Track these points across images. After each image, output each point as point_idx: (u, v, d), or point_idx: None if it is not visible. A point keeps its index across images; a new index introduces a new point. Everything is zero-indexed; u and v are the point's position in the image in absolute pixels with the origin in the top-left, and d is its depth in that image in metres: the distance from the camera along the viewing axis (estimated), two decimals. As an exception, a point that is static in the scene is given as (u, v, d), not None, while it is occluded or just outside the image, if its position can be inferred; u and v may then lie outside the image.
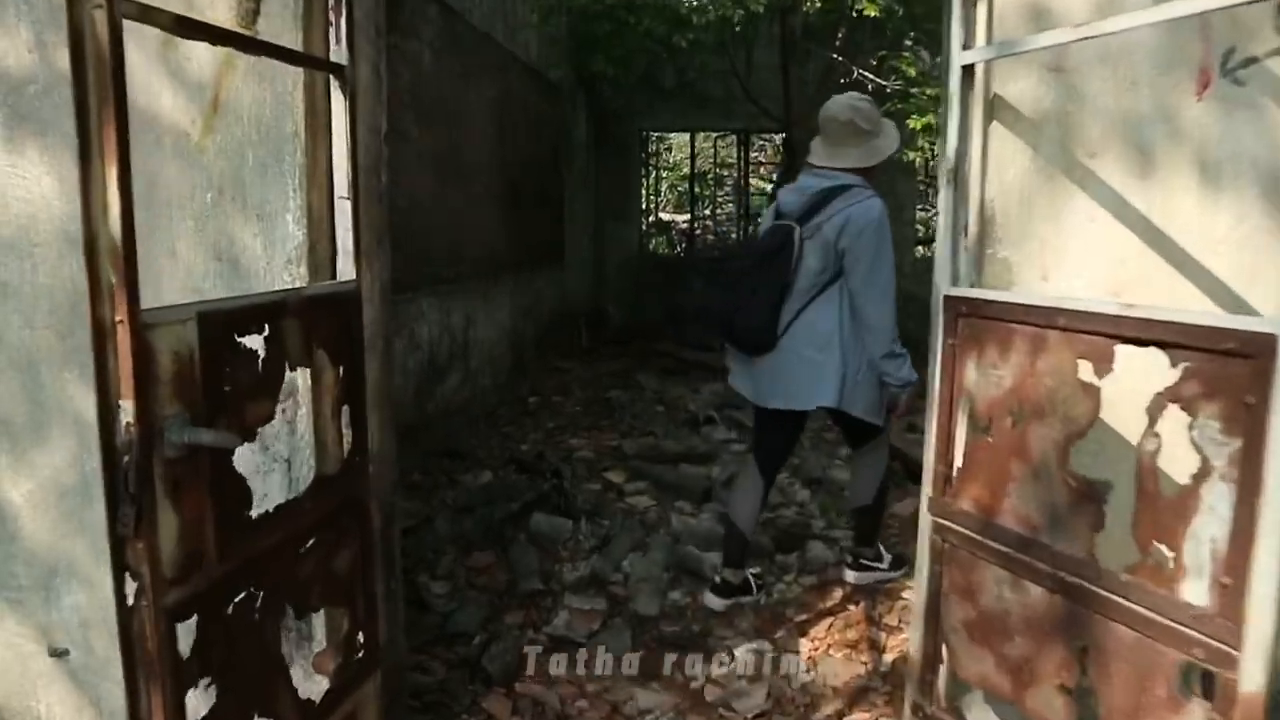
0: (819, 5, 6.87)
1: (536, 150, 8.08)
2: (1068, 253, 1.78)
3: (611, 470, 5.04)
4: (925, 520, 1.88)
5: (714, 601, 3.52)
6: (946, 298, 1.76)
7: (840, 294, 3.22)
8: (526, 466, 4.99)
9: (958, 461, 1.81)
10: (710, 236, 14.25)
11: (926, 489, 1.88)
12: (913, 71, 6.64)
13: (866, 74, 7.64)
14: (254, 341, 1.62)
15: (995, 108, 1.80)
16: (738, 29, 9.14)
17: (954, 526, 1.79)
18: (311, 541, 1.86)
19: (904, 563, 3.80)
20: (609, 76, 9.15)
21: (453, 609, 3.38)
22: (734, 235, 13.44)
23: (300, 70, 1.99)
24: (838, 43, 8.23)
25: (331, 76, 1.90)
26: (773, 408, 3.34)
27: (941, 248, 1.84)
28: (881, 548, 3.75)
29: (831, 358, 3.18)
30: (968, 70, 1.77)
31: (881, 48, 9.49)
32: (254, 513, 1.66)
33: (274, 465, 2.11)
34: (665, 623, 3.42)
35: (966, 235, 1.80)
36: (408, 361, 5.06)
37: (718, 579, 3.56)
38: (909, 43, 8.64)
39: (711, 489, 4.61)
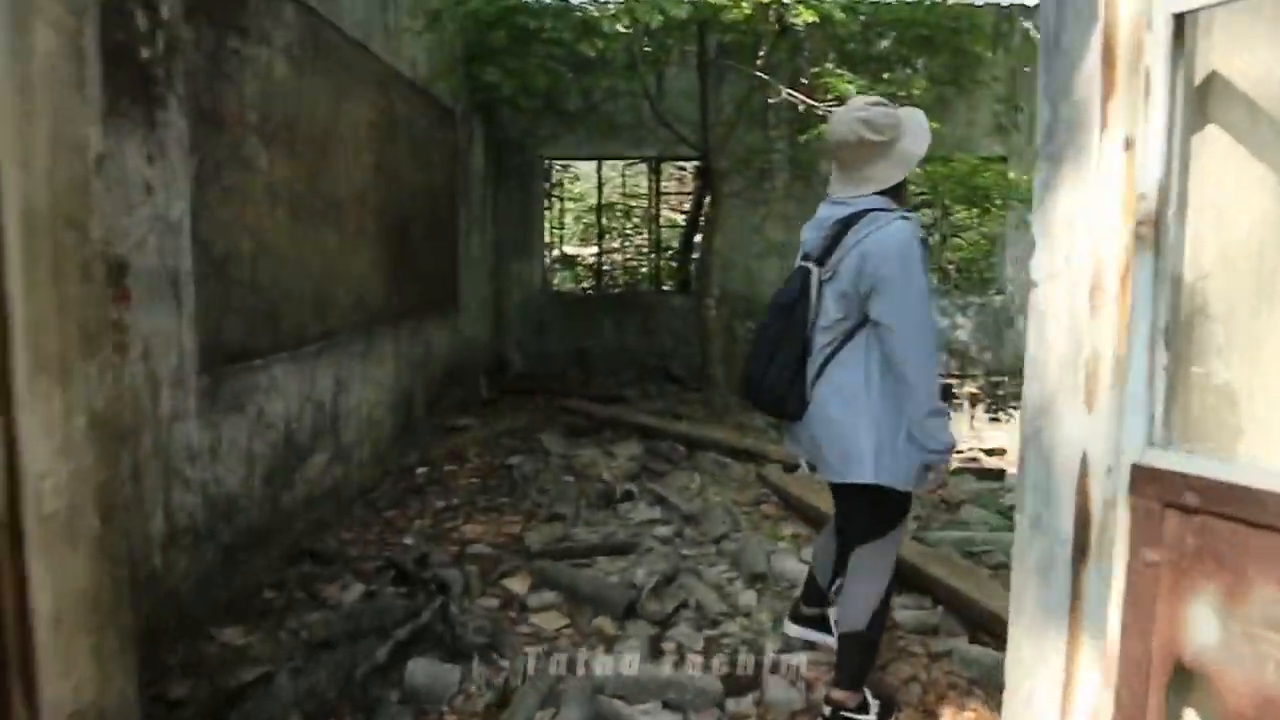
0: (746, 12, 6.09)
1: (426, 181, 7.11)
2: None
3: (512, 575, 4.09)
4: None
5: (790, 629, 3.39)
6: (1141, 470, 0.91)
7: (868, 341, 2.65)
8: (406, 575, 4.00)
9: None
10: (619, 271, 13.42)
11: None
12: (853, 89, 5.93)
13: (795, 94, 6.92)
14: None
15: (1210, 97, 0.97)
16: (648, 50, 8.38)
17: None
18: None
19: (893, 709, 2.97)
20: (506, 97, 8.25)
21: (287, 828, 2.39)
22: (644, 269, 12.65)
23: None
24: (759, 60, 7.52)
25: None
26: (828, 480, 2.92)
27: (1111, 366, 1.00)
28: (867, 692, 2.90)
29: (859, 421, 2.67)
30: (1180, 23, 0.93)
31: (799, 70, 8.86)
32: None
33: None
34: (587, 827, 2.49)
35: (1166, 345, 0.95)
36: (253, 446, 4.02)
37: (802, 609, 3.37)
38: (830, 65, 8.00)
39: (637, 601, 3.70)
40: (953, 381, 9.06)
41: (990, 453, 6.35)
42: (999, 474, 5.76)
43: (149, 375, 3.16)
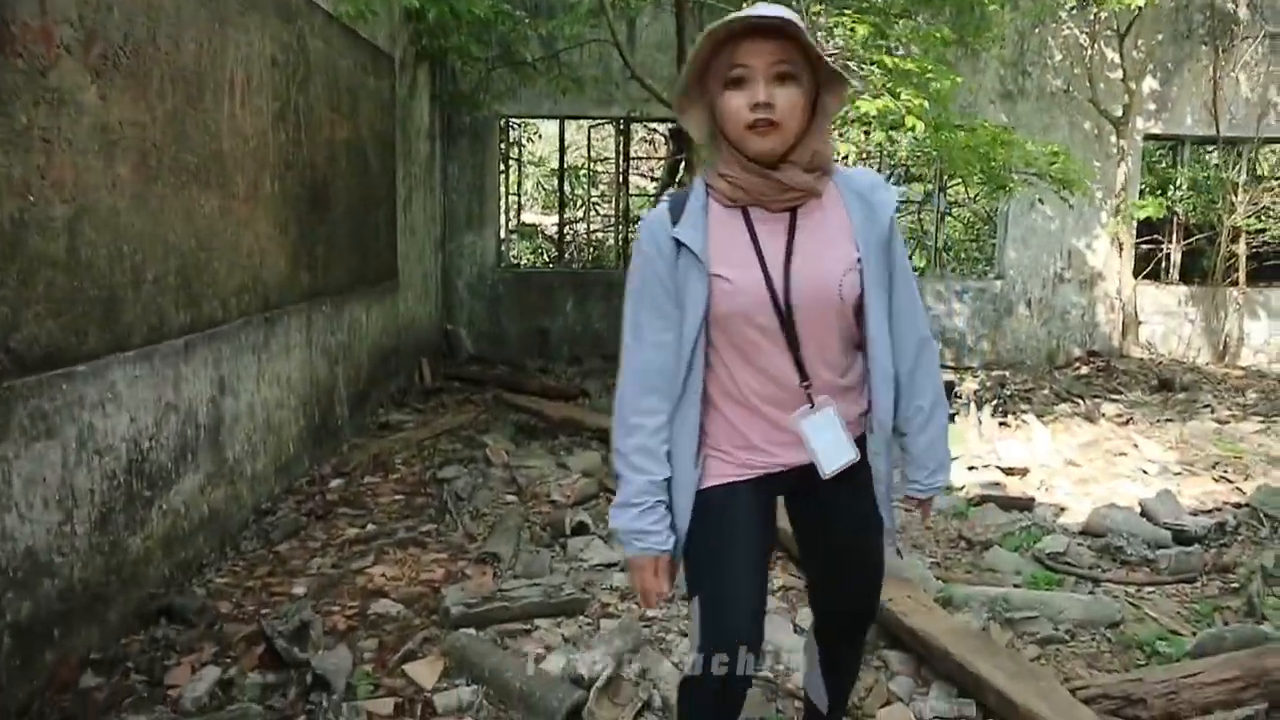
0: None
1: (353, 136, 6.04)
2: None
3: (421, 656, 3.10)
4: None
5: None
6: None
7: None
8: (281, 656, 3.01)
9: None
10: (583, 243, 12.37)
11: None
12: (862, 31, 4.85)
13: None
14: None
15: None
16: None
17: None
18: None
19: None
20: (454, 44, 7.19)
21: None
22: (610, 242, 11.61)
23: None
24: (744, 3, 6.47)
25: None
26: None
27: None
28: None
29: None
30: None
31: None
32: None
33: None
34: None
35: None
36: (75, 481, 3.00)
37: None
38: (820, 7, 6.96)
39: (584, 706, 2.73)
40: (952, 378, 8.15)
41: (1010, 472, 5.43)
42: (1027, 503, 4.84)
43: None
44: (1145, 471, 5.51)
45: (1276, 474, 5.36)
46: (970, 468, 5.57)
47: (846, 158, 7.49)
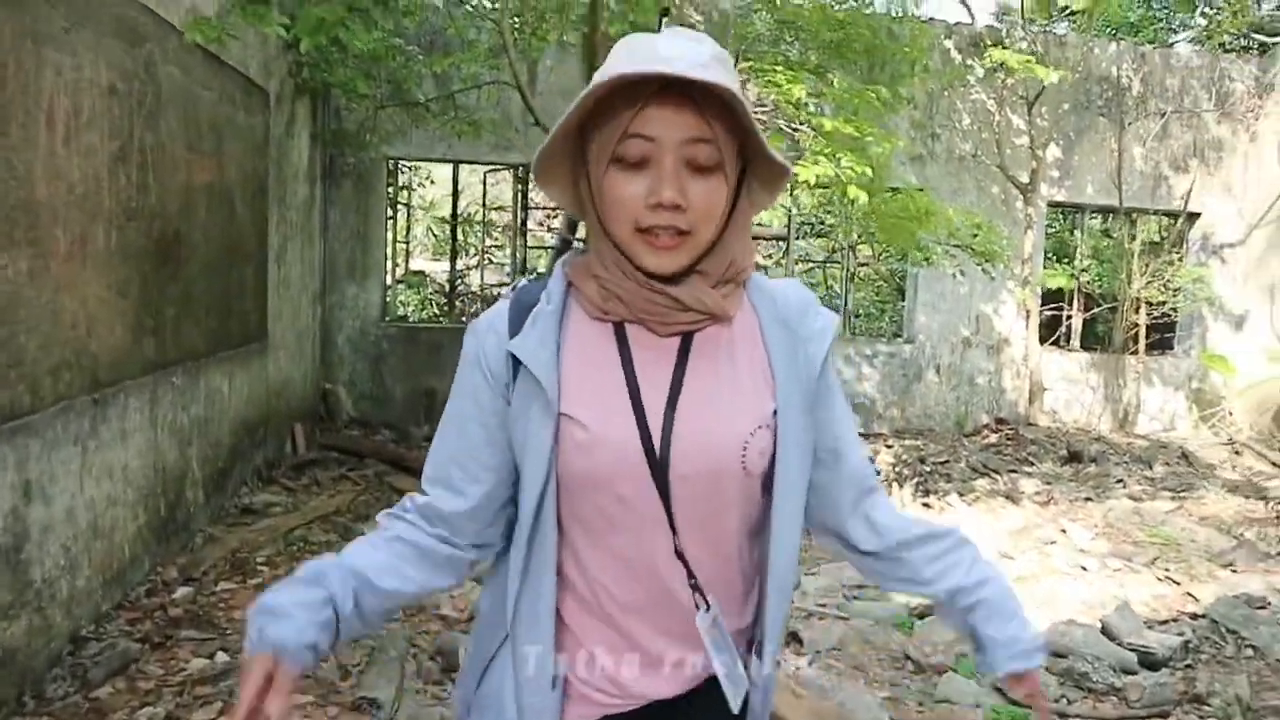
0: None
1: (216, 180, 5.26)
2: None
3: None
4: None
5: None
6: None
7: None
8: None
9: None
10: (476, 294, 11.65)
11: None
12: (799, 91, 4.40)
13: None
14: None
15: None
16: (519, 33, 6.82)
17: None
18: None
19: None
20: (341, 81, 6.50)
21: None
22: (502, 291, 10.93)
23: None
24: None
25: None
26: None
27: None
28: None
29: None
30: None
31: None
32: None
33: None
34: None
35: None
36: None
37: None
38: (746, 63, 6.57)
39: None
40: (868, 449, 7.78)
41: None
42: (974, 611, 4.39)
43: None
44: (1084, 568, 5.16)
45: (1220, 574, 5.09)
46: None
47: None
